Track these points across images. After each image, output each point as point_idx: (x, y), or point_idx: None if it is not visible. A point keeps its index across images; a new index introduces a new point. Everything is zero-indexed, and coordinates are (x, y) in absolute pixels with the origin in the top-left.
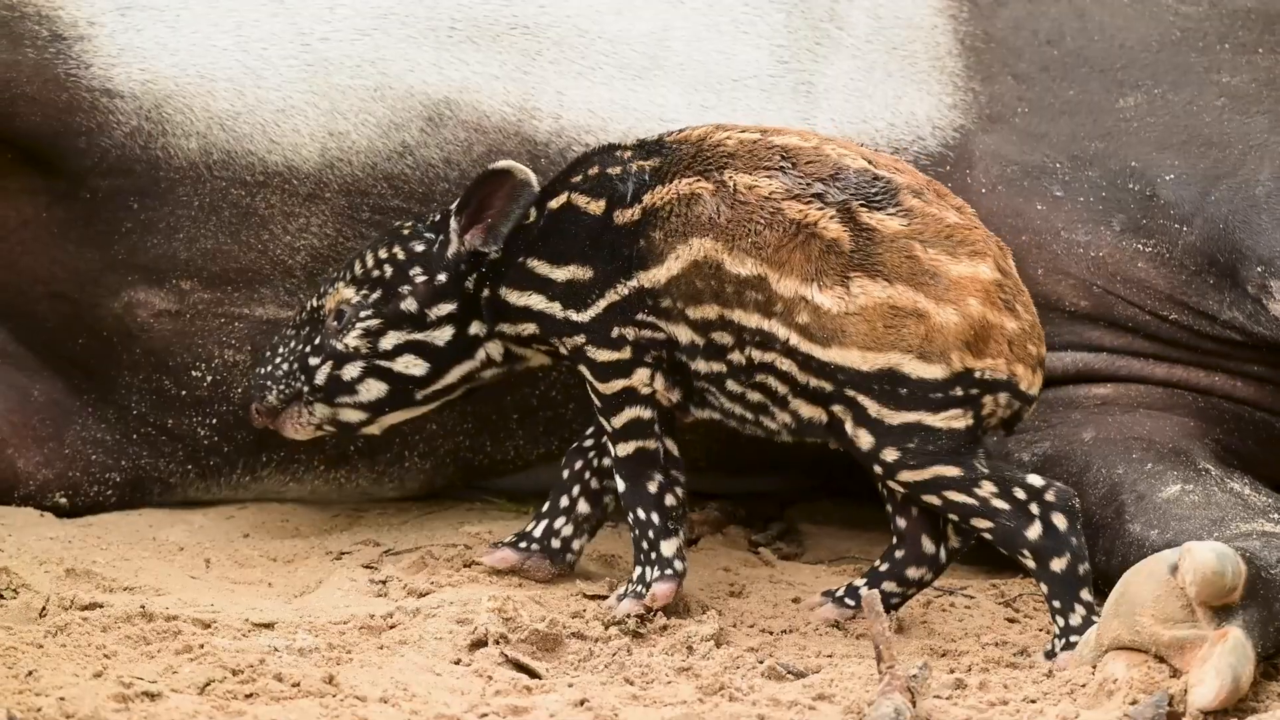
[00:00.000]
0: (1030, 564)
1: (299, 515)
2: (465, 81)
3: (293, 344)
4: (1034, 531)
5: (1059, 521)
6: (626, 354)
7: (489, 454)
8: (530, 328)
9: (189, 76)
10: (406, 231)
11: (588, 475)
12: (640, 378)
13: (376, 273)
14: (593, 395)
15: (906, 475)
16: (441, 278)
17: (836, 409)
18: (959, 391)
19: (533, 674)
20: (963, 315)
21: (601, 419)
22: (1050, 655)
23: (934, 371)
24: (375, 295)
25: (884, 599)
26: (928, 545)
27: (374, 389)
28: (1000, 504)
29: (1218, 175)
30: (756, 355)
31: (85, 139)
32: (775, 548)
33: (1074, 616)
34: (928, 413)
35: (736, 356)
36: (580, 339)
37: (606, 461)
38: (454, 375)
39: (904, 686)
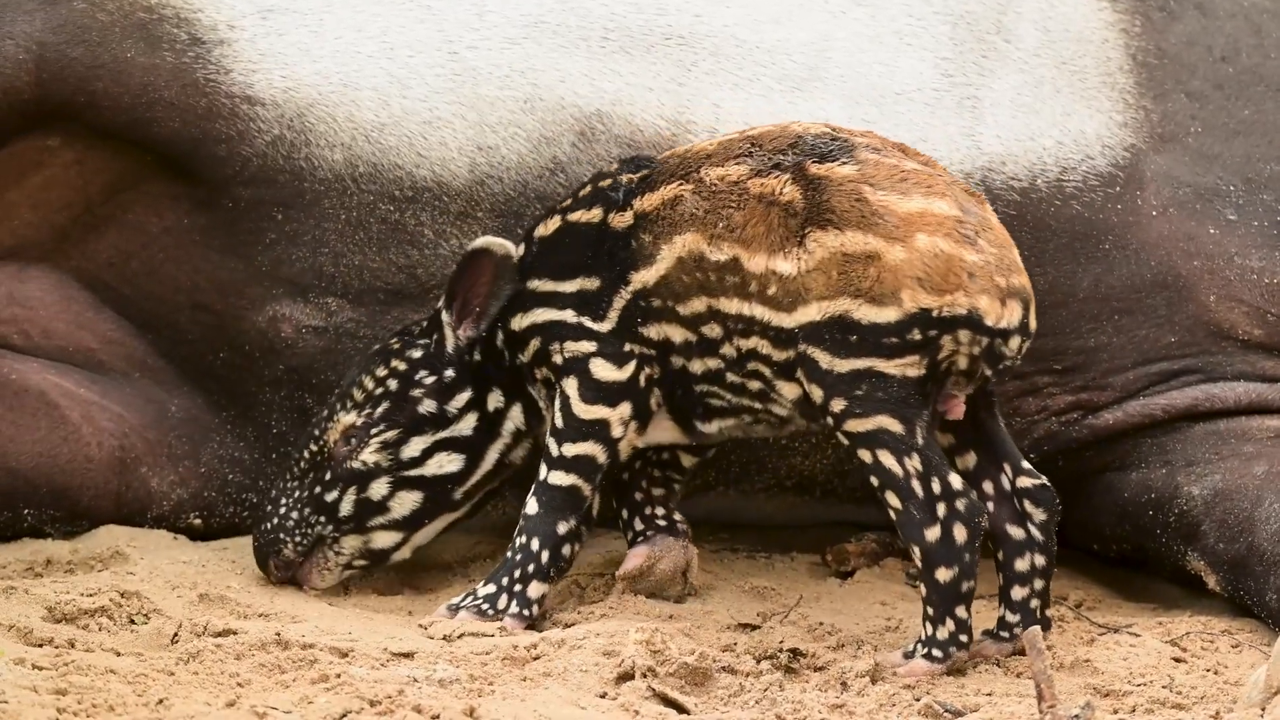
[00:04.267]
0: (918, 561)
1: (441, 542)
2: (618, 93)
3: (297, 493)
4: (932, 533)
5: (958, 533)
6: (627, 374)
7: None
8: (535, 343)
9: (332, 85)
10: (397, 346)
11: (638, 464)
12: (621, 413)
13: (379, 390)
14: (557, 415)
15: (852, 424)
16: (450, 373)
17: (799, 372)
18: (916, 335)
19: (681, 709)
20: (911, 250)
21: (551, 440)
22: (909, 656)
23: (886, 315)
24: (383, 408)
25: (1024, 608)
26: (1015, 532)
27: (408, 501)
28: (917, 486)
29: None
30: (742, 343)
31: (225, 146)
32: None
33: (942, 630)
34: (880, 359)
35: (728, 349)
36: (589, 346)
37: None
38: (490, 460)
39: None
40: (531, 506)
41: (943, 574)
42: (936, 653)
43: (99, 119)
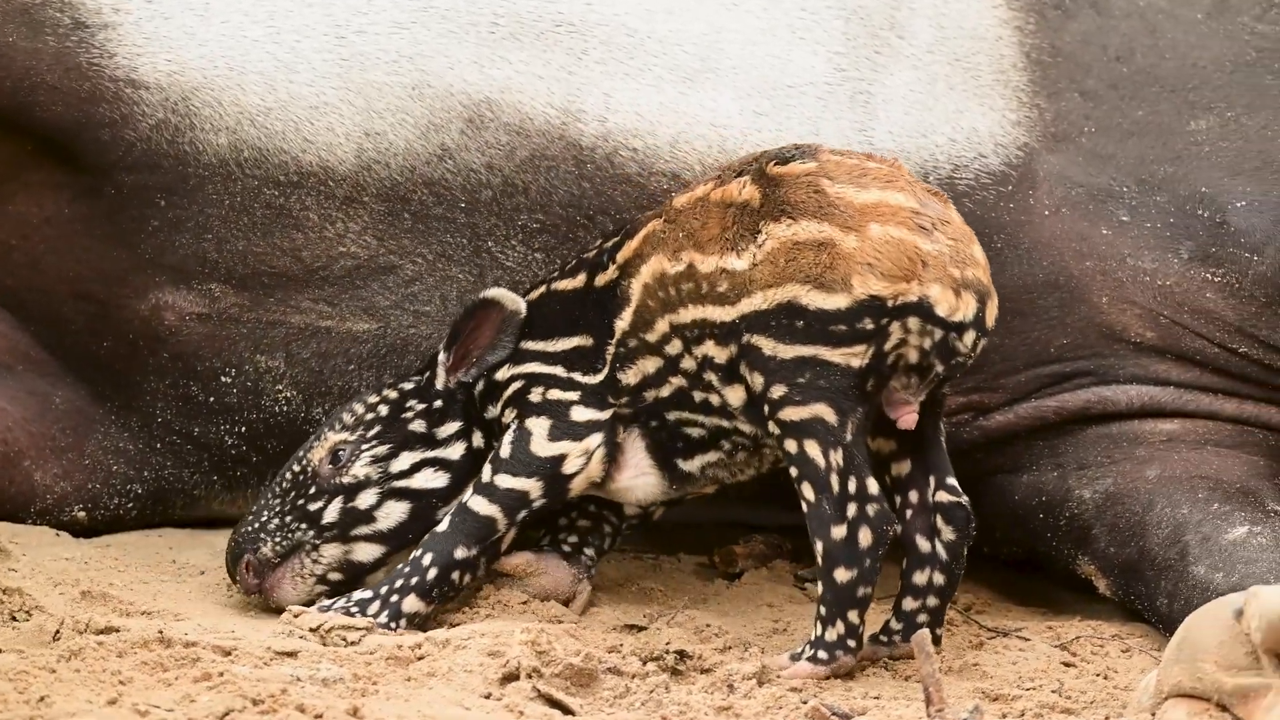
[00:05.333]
0: (819, 559)
1: None
2: (508, 81)
3: (279, 506)
4: (838, 531)
5: (863, 537)
6: (605, 416)
7: None
8: (516, 386)
9: (218, 69)
10: (390, 381)
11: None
12: (585, 446)
13: (370, 415)
14: (506, 446)
15: (788, 412)
16: (439, 404)
17: (742, 366)
18: (867, 323)
19: (566, 710)
20: (864, 238)
21: (488, 466)
22: (795, 658)
23: (835, 301)
24: (376, 429)
25: (910, 619)
26: (923, 544)
27: (394, 513)
28: (834, 481)
29: None
30: (698, 351)
31: (109, 131)
32: None
33: (831, 632)
34: (825, 346)
35: (687, 362)
36: (574, 396)
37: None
38: None
39: None
40: (442, 524)
41: (841, 574)
42: (822, 654)
43: None
